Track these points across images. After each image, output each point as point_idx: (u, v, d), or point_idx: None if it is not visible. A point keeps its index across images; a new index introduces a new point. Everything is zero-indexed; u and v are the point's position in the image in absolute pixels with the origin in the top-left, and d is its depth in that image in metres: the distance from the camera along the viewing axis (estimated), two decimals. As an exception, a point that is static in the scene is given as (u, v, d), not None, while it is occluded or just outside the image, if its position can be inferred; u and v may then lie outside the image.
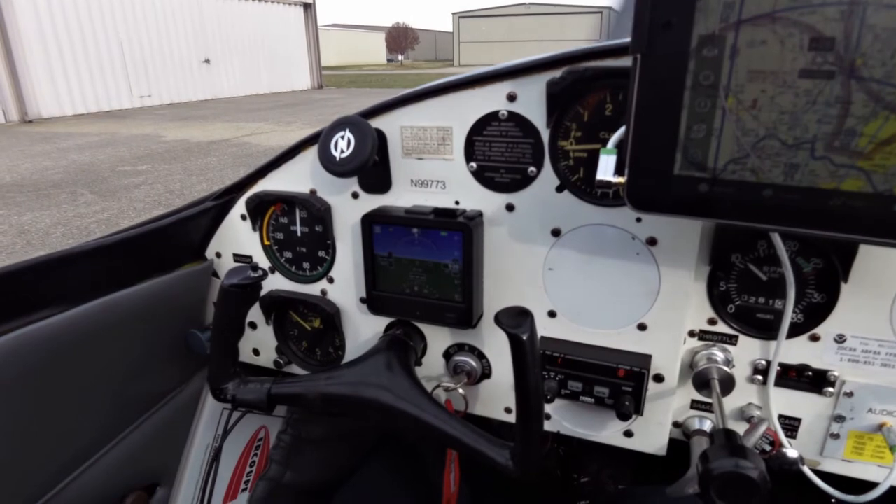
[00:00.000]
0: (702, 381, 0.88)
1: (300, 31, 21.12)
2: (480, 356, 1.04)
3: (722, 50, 0.56)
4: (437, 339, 1.06)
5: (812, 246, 0.82)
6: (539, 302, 0.95)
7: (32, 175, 7.66)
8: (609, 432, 0.98)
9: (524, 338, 0.74)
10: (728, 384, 0.87)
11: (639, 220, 0.84)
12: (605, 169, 0.66)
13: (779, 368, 0.88)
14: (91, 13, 13.90)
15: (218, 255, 1.21)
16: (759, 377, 0.89)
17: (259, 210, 1.12)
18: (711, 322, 0.90)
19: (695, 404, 0.96)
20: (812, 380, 0.88)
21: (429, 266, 0.95)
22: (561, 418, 1.01)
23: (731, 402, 0.93)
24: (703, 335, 0.91)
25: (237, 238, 1.17)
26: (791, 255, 0.83)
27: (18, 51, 12.29)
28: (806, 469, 0.87)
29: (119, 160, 8.46)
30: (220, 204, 1.15)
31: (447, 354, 1.06)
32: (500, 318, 0.75)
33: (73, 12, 13.47)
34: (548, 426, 1.02)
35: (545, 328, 0.96)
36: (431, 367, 1.08)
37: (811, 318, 0.85)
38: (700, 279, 0.88)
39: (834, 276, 0.81)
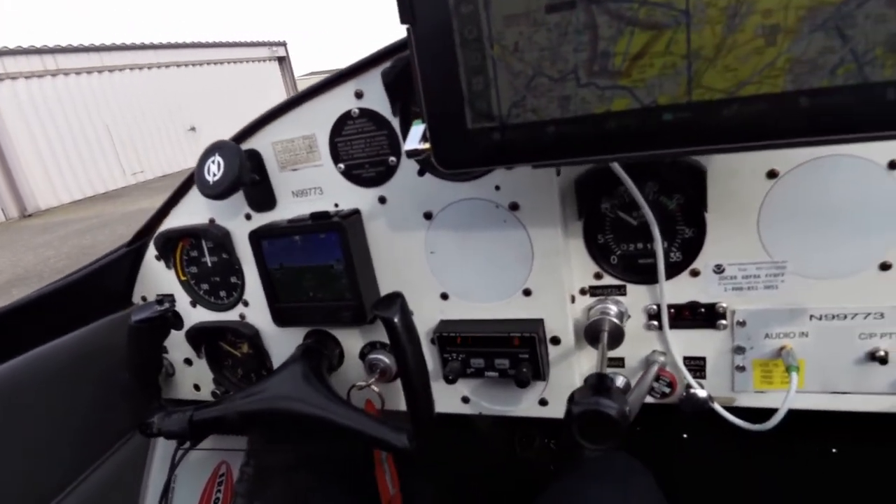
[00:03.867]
0: (594, 335, 0.88)
1: (278, 83, 21.55)
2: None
3: (475, 3, 0.58)
4: (351, 341, 1.07)
5: (669, 182, 0.82)
6: (430, 286, 0.96)
7: (36, 266, 7.83)
8: (526, 405, 0.98)
9: (395, 319, 0.75)
10: (617, 336, 0.87)
11: (497, 188, 0.86)
12: (413, 138, 0.68)
13: (672, 311, 0.88)
14: (74, 101, 14.29)
15: (143, 298, 1.23)
16: (655, 322, 0.89)
17: (168, 247, 1.15)
18: (597, 276, 0.91)
19: (610, 362, 0.96)
20: (705, 316, 0.87)
21: (317, 270, 0.97)
22: (479, 399, 1.01)
23: (636, 352, 0.92)
24: (593, 291, 0.92)
25: (156, 279, 1.20)
26: (654, 196, 0.84)
27: (10, 150, 12.66)
28: (716, 406, 0.87)
29: (118, 237, 8.59)
30: (134, 249, 1.19)
31: (362, 354, 1.07)
32: (375, 307, 0.77)
33: (56, 104, 13.86)
34: (467, 409, 1.02)
35: (442, 311, 0.97)
36: (350, 369, 1.10)
37: (687, 253, 0.85)
38: (576, 235, 0.89)
39: (698, 208, 0.82)
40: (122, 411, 1.20)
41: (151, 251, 1.18)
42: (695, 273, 0.85)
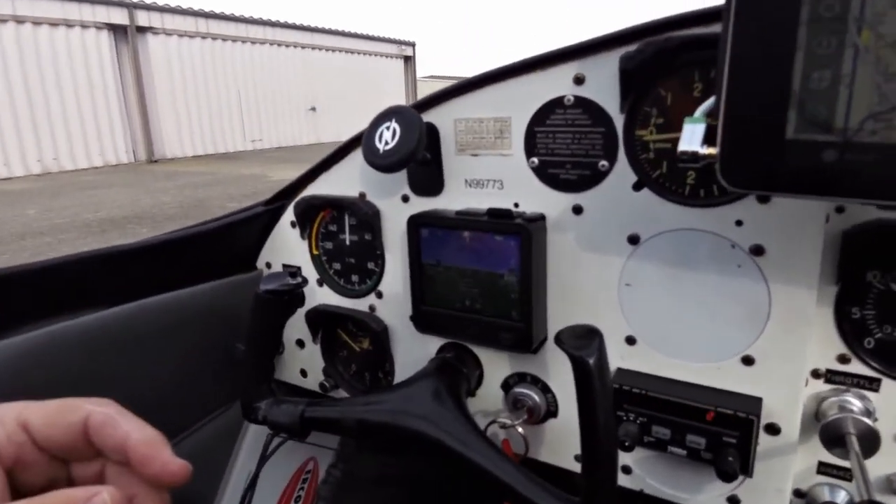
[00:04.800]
0: (833, 437, 0.67)
1: (399, 81, 22.10)
2: (545, 390, 0.88)
3: (853, -35, 0.41)
4: (495, 366, 0.92)
5: None
6: (615, 325, 0.79)
7: (152, 209, 8.34)
8: (707, 496, 0.78)
9: (590, 361, 0.59)
10: (871, 442, 0.66)
11: (739, 223, 0.68)
12: (691, 138, 0.52)
13: None
14: (214, 65, 15.33)
15: (268, 265, 1.15)
16: None
17: (307, 216, 1.05)
18: (843, 360, 0.70)
19: (823, 468, 0.74)
20: None
21: (481, 276, 0.82)
22: (644, 473, 0.82)
23: (875, 468, 0.70)
24: (831, 377, 0.71)
25: (287, 247, 1.11)
26: None
27: (152, 98, 13.74)
28: None
29: (228, 197, 9.05)
30: (271, 210, 1.10)
31: (506, 385, 0.91)
32: (561, 338, 0.61)
33: (199, 63, 14.92)
34: (628, 482, 0.83)
35: (622, 357, 0.80)
36: (487, 399, 0.94)
37: None
38: (825, 304, 0.69)
39: None
40: (226, 381, 1.11)
41: (288, 216, 1.09)
42: None
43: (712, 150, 0.49)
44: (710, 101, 0.56)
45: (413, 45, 22.29)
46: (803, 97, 0.44)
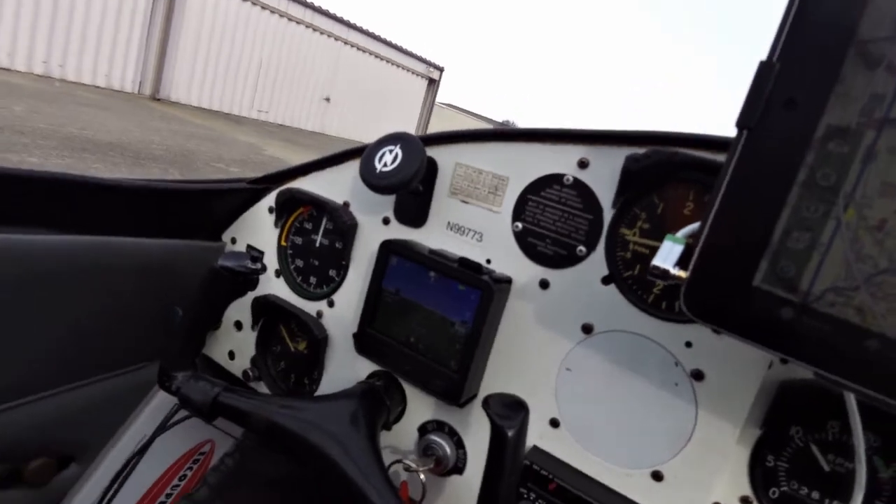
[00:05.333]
0: None
1: (418, 100, 22.29)
2: (459, 445, 0.88)
3: (854, 149, 0.43)
4: (419, 407, 0.91)
5: None
6: (544, 403, 0.79)
7: (138, 144, 8.16)
8: None
9: (510, 434, 0.59)
10: None
11: (689, 344, 0.69)
12: (666, 256, 0.53)
13: None
14: (247, 29, 15.28)
15: (233, 240, 1.13)
16: None
17: (287, 206, 1.04)
18: (744, 501, 0.72)
19: None
20: None
21: (434, 319, 0.82)
22: None
23: None
24: None
25: (257, 229, 1.09)
26: (868, 452, 0.65)
27: (174, 40, 13.58)
28: None
29: (217, 157, 8.91)
30: (254, 190, 1.09)
31: (423, 429, 0.91)
32: (488, 402, 0.61)
33: (232, 23, 14.85)
34: None
35: (542, 437, 0.80)
36: (401, 436, 0.93)
37: None
38: (745, 444, 0.71)
39: None
40: (151, 340, 1.08)
41: (269, 200, 1.08)
42: None
43: (682, 273, 0.51)
44: (694, 225, 0.58)
45: (441, 69, 22.58)
46: (779, 251, 0.46)
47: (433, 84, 22.79)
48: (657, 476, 0.72)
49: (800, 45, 0.45)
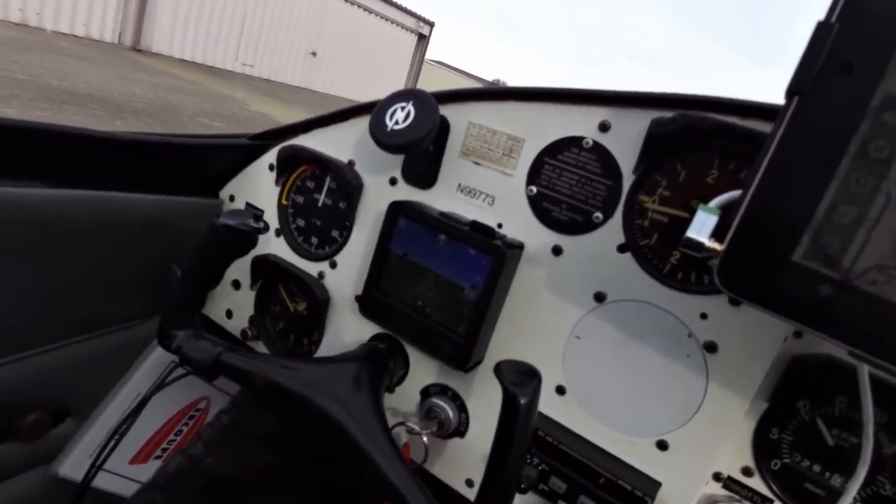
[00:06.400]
0: None
1: (407, 56, 21.79)
2: (462, 409, 0.87)
3: (913, 119, 0.41)
4: (422, 370, 0.90)
5: None
6: (550, 370, 0.78)
7: (119, 96, 7.90)
8: None
9: (522, 401, 0.58)
10: None
11: (704, 316, 0.68)
12: (701, 228, 0.51)
13: None
14: (232, -21, 14.73)
15: (231, 198, 1.10)
16: None
17: (289, 164, 1.01)
18: (746, 472, 0.72)
19: None
20: None
21: (443, 283, 0.80)
22: None
23: None
24: (730, 484, 0.73)
25: (257, 187, 1.06)
26: (875, 428, 0.65)
27: (155, -13, 13.05)
28: None
29: (201, 111, 8.68)
30: (254, 146, 1.05)
31: (426, 392, 0.90)
32: (501, 369, 0.60)
33: (217, -29, 14.30)
34: None
35: (547, 404, 0.79)
36: (403, 399, 0.92)
37: None
38: (751, 416, 0.71)
39: None
40: (149, 296, 1.05)
41: (269, 157, 1.04)
42: None
43: (717, 246, 0.49)
44: (729, 194, 0.56)
45: (432, 25, 22.02)
46: (822, 226, 0.44)
47: (423, 40, 22.25)
48: (662, 445, 0.72)
49: (861, 4, 0.42)
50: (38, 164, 0.81)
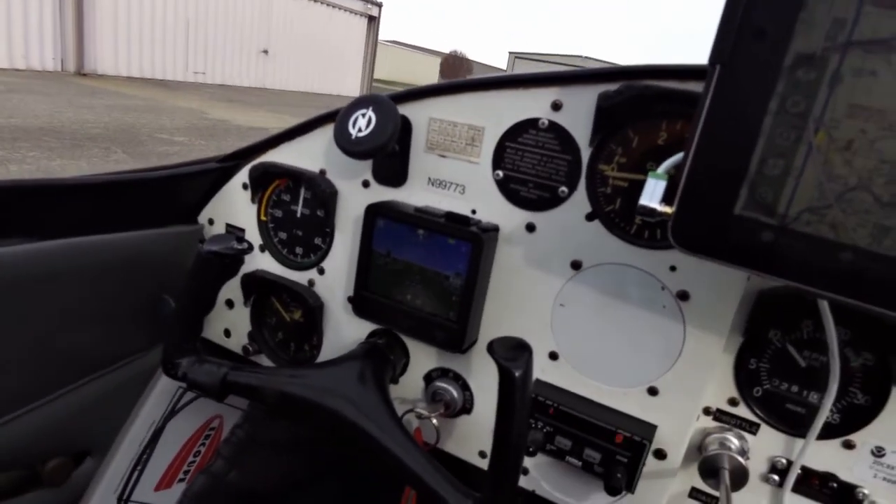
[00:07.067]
0: (709, 469, 0.76)
1: (360, 40, 21.48)
2: (464, 387, 0.92)
3: (821, 74, 0.46)
4: (421, 358, 0.95)
5: (867, 337, 0.70)
6: (542, 339, 0.84)
7: (72, 125, 7.74)
8: None
9: (517, 374, 0.63)
10: (740, 477, 0.75)
11: (673, 268, 0.74)
12: (652, 194, 0.56)
13: (800, 472, 0.76)
14: (166, -13, 14.33)
15: (210, 221, 1.12)
16: (776, 477, 0.77)
17: (262, 181, 1.04)
18: (732, 402, 0.78)
19: (695, 493, 0.83)
20: (836, 493, 0.75)
21: (428, 275, 0.85)
22: (540, 477, 0.88)
23: (740, 500, 0.80)
24: (720, 415, 0.79)
25: (234, 207, 1.09)
26: (839, 345, 0.71)
27: (90, 8, 12.65)
28: None
29: (159, 127, 8.54)
30: (224, 168, 1.07)
31: (428, 378, 0.95)
32: (493, 347, 0.65)
33: (149, -18, 13.88)
34: (524, 482, 0.89)
35: (543, 371, 0.85)
36: (408, 388, 0.97)
37: (849, 421, 0.73)
38: (729, 351, 0.77)
39: (885, 378, 0.70)
40: (144, 329, 1.08)
41: (241, 177, 1.06)
42: (849, 445, 0.73)
43: (668, 209, 0.54)
44: (674, 158, 0.61)
45: (380, 5, 21.68)
46: (756, 179, 0.49)
47: (373, 21, 21.92)
48: (652, 391, 0.78)
49: None
50: (8, 221, 0.83)
